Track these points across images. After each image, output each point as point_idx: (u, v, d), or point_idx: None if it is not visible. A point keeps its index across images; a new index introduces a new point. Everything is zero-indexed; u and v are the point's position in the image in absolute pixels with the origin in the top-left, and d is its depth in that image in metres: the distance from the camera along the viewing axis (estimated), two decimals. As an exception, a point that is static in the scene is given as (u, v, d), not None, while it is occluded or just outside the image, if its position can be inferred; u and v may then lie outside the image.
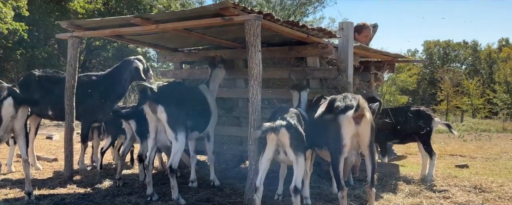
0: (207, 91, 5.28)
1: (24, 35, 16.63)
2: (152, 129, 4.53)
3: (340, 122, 3.66)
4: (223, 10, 4.11)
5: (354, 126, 3.66)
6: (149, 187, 4.58)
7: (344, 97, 3.85)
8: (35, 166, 6.35)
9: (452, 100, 35.41)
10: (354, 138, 3.74)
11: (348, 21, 5.43)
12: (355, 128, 3.68)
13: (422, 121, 5.87)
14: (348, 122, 3.64)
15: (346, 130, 3.66)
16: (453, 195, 4.89)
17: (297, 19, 27.53)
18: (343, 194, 3.71)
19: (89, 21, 5.44)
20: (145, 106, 4.39)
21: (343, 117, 3.64)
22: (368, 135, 3.75)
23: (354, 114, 3.56)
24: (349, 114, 3.57)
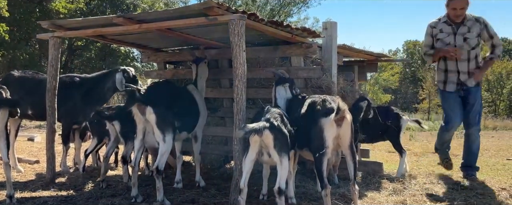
0: (196, 91, 5.25)
1: (4, 36, 16.34)
2: (140, 130, 4.46)
3: (322, 125, 3.73)
4: (207, 9, 4.09)
5: (336, 128, 3.74)
6: (134, 188, 4.54)
7: (323, 100, 3.91)
8: (17, 169, 6.24)
9: (434, 99, 35.87)
10: (335, 139, 3.82)
11: (331, 21, 5.46)
12: (336, 130, 3.75)
13: (391, 120, 5.96)
14: (330, 125, 3.71)
15: (328, 133, 3.73)
16: (436, 192, 4.95)
17: (282, 19, 27.59)
18: (327, 192, 3.75)
19: (71, 21, 5.37)
20: (134, 108, 4.33)
21: (325, 120, 3.70)
22: (349, 136, 3.85)
23: (335, 117, 3.63)
24: (331, 117, 3.63)
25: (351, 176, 3.90)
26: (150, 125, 4.40)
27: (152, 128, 4.40)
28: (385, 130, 6.00)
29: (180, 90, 5.29)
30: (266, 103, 5.54)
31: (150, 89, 4.47)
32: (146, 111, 4.32)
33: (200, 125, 5.22)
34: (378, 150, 9.38)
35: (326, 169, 3.85)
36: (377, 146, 10.21)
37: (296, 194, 4.60)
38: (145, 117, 4.34)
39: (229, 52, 4.33)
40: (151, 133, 4.47)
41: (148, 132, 4.49)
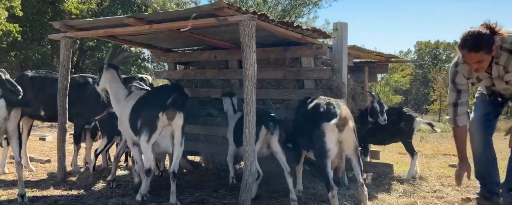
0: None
1: (17, 36, 16.53)
2: (156, 134, 4.30)
3: (324, 129, 3.77)
4: (218, 10, 4.09)
5: (338, 133, 3.77)
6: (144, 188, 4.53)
7: (327, 103, 3.95)
8: (28, 168, 6.31)
9: (445, 100, 35.54)
10: (337, 143, 3.83)
11: (342, 22, 5.43)
12: (338, 134, 3.78)
13: (403, 121, 5.91)
14: (331, 130, 3.75)
15: (330, 138, 3.77)
16: (447, 194, 4.91)
17: (292, 19, 27.55)
18: (334, 194, 3.77)
19: (82, 21, 5.41)
20: (161, 113, 4.20)
21: (326, 125, 3.75)
22: (352, 140, 3.86)
23: (337, 122, 3.67)
24: (332, 122, 3.69)
25: (358, 179, 3.91)
26: (170, 130, 4.33)
27: (171, 132, 4.35)
28: (397, 131, 5.95)
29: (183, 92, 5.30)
30: (276, 104, 5.56)
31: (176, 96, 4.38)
32: (175, 116, 4.27)
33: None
34: (388, 151, 9.32)
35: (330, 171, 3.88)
36: (387, 147, 10.14)
37: (305, 194, 4.61)
38: (171, 122, 4.27)
39: (239, 52, 4.33)
40: (167, 138, 4.39)
41: (164, 137, 4.38)
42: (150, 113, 4.25)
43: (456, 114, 4.04)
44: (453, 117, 4.06)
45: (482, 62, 3.57)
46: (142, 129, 4.28)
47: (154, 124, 4.21)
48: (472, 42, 3.48)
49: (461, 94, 4.01)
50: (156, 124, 4.21)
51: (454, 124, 4.09)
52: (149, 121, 4.24)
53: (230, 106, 5.40)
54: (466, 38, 3.52)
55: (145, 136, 4.24)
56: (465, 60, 3.65)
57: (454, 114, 4.04)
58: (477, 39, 3.46)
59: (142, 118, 4.30)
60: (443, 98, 35.40)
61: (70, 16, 19.11)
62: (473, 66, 3.64)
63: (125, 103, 4.78)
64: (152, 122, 4.22)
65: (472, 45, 3.47)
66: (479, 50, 3.47)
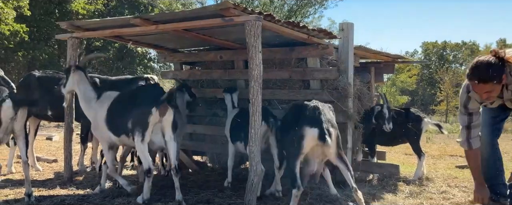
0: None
1: (24, 36, 16.64)
2: (149, 132, 4.32)
3: (304, 134, 3.80)
4: (224, 10, 4.10)
5: (318, 141, 3.78)
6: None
7: (314, 108, 3.95)
8: (35, 167, 6.34)
9: (451, 101, 35.39)
10: (317, 148, 3.86)
11: (348, 22, 5.41)
12: (318, 142, 3.79)
13: (411, 122, 5.88)
14: (311, 138, 3.78)
15: (307, 143, 3.81)
16: (454, 196, 4.88)
17: (298, 19, 27.53)
18: (297, 193, 3.80)
19: (89, 21, 5.44)
20: (154, 109, 4.23)
21: (308, 130, 3.79)
22: (335, 149, 3.88)
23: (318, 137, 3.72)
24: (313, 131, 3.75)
25: (350, 184, 3.91)
26: (161, 126, 4.36)
27: (161, 129, 4.38)
28: (405, 132, 5.91)
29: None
30: (282, 104, 5.56)
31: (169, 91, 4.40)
32: (167, 112, 4.29)
33: None
34: (394, 152, 9.29)
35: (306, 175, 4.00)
36: (393, 148, 10.11)
37: (311, 195, 4.62)
38: (163, 118, 4.30)
39: (245, 53, 4.33)
40: (159, 134, 4.41)
41: (156, 134, 4.40)
42: (141, 111, 4.25)
43: (469, 137, 3.98)
44: (466, 139, 4.00)
45: (492, 91, 3.51)
46: (134, 129, 4.26)
47: (146, 122, 4.21)
48: (481, 73, 3.43)
49: (473, 117, 3.95)
50: (148, 121, 4.22)
51: (467, 147, 4.03)
52: (141, 119, 4.23)
53: (229, 102, 5.44)
54: (475, 69, 3.47)
55: (139, 135, 4.24)
56: (474, 90, 3.61)
57: (468, 136, 3.99)
58: (487, 71, 3.40)
59: (134, 118, 4.29)
60: (450, 99, 35.26)
61: (77, 17, 19.24)
62: (483, 96, 3.59)
63: (98, 106, 4.73)
64: (144, 120, 4.22)
65: (482, 77, 3.43)
66: (488, 81, 3.42)
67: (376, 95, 7.23)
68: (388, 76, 32.07)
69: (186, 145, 6.42)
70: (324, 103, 4.20)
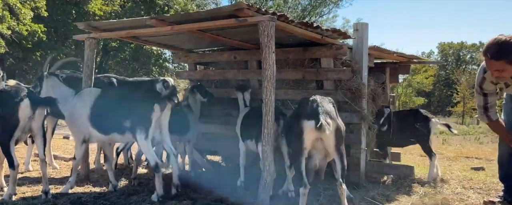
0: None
1: (42, 37, 16.89)
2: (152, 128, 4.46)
3: (303, 127, 3.83)
4: (237, 11, 4.13)
5: (317, 133, 3.78)
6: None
7: (312, 101, 3.97)
8: (52, 165, 6.45)
9: (468, 102, 34.95)
10: (318, 142, 3.87)
11: (362, 22, 5.40)
12: (317, 134, 3.79)
13: (419, 123, 5.84)
14: (310, 130, 3.79)
15: (308, 137, 3.83)
16: (469, 197, 4.83)
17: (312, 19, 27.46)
18: (305, 191, 3.84)
19: (106, 22, 5.52)
20: (156, 105, 4.39)
21: (306, 123, 3.81)
22: (333, 141, 3.87)
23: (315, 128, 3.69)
24: (311, 123, 3.74)
25: (338, 177, 3.92)
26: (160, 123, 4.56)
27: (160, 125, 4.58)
28: (413, 133, 5.89)
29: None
30: (295, 104, 5.57)
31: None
32: (166, 108, 4.47)
33: None
34: (410, 154, 9.22)
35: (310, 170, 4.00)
36: (408, 149, 10.04)
37: (325, 195, 4.64)
38: (163, 113, 4.47)
39: (259, 53, 4.36)
40: (158, 130, 4.59)
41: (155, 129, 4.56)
42: (143, 108, 4.39)
43: (487, 112, 4.00)
44: (485, 113, 4.01)
45: (503, 71, 3.45)
46: (136, 127, 4.37)
47: (149, 119, 4.35)
48: (494, 49, 3.39)
49: (488, 98, 3.94)
50: (151, 118, 4.35)
51: (487, 120, 4.05)
52: (143, 117, 4.36)
53: (241, 100, 5.49)
54: (490, 44, 3.42)
55: (142, 133, 4.36)
56: (487, 66, 3.57)
57: (485, 112, 4.01)
58: (500, 48, 3.36)
59: (134, 116, 4.40)
60: (467, 100, 34.82)
61: (94, 18, 19.48)
62: (493, 74, 3.55)
63: (77, 102, 4.82)
64: (146, 117, 4.35)
65: (494, 53, 3.39)
66: (499, 59, 3.37)
67: (392, 96, 7.19)
68: (404, 77, 31.81)
69: (200, 144, 6.47)
70: (324, 97, 4.20)
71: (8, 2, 14.86)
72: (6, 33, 14.75)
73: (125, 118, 4.43)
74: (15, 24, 15.12)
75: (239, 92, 5.50)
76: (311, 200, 4.39)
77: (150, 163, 4.50)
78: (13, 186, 4.43)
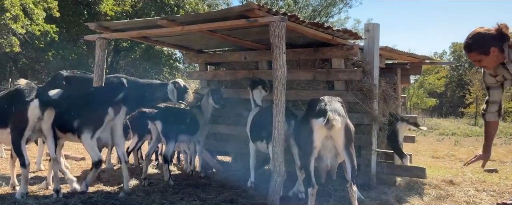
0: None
1: (55, 37, 17.06)
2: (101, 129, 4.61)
3: (312, 126, 3.84)
4: (248, 11, 4.12)
5: (326, 130, 3.79)
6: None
7: (320, 100, 3.99)
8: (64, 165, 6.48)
9: (481, 103, 34.54)
10: (328, 140, 3.87)
11: (373, 23, 5.36)
12: (327, 132, 3.80)
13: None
14: (319, 128, 3.80)
15: (317, 135, 3.84)
16: (481, 200, 4.77)
17: (322, 20, 27.39)
18: (313, 191, 3.85)
19: (117, 23, 5.54)
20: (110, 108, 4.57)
21: (314, 121, 3.82)
22: (342, 139, 3.86)
23: (324, 123, 3.71)
24: (319, 121, 3.76)
25: (348, 178, 3.89)
26: (113, 124, 4.70)
27: (113, 127, 4.72)
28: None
29: None
30: (306, 105, 5.54)
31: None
32: (120, 111, 4.68)
33: None
34: (421, 155, 9.15)
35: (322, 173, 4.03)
36: (420, 151, 9.97)
37: (335, 197, 4.61)
38: (116, 116, 4.65)
39: (269, 53, 4.34)
40: (108, 132, 4.73)
41: (106, 131, 4.69)
42: (96, 110, 4.52)
43: (486, 111, 4.02)
44: (484, 111, 4.05)
45: (481, 61, 3.55)
46: (84, 127, 4.48)
47: (101, 120, 4.51)
48: (466, 42, 3.54)
49: (490, 91, 3.97)
50: (104, 120, 4.52)
51: (483, 118, 4.12)
52: (95, 117, 4.50)
53: (251, 99, 5.42)
54: (466, 38, 3.56)
55: (89, 132, 4.48)
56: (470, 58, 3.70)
57: (485, 109, 4.04)
58: (471, 40, 3.49)
59: (85, 116, 4.49)
60: (480, 102, 34.42)
61: (105, 18, 19.63)
62: (476, 65, 3.74)
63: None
64: (98, 118, 4.50)
65: (466, 46, 3.56)
66: (471, 51, 3.51)
67: (403, 97, 7.13)
68: (416, 78, 31.59)
69: (210, 145, 6.47)
70: (333, 96, 4.20)
71: (22, 3, 15.03)
72: (20, 32, 14.91)
73: (77, 118, 4.53)
74: (28, 23, 15.29)
75: (249, 89, 5.45)
76: (321, 201, 4.37)
77: (92, 158, 4.64)
78: (25, 185, 4.46)
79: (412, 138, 6.97)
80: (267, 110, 4.97)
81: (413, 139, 7.01)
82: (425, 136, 16.89)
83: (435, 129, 21.68)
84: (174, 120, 5.36)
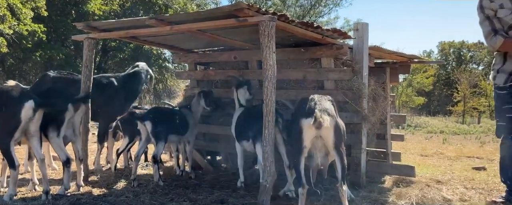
0: None
1: (42, 36, 16.87)
2: (65, 127, 4.69)
3: (301, 126, 3.83)
4: (237, 11, 4.11)
5: (315, 130, 3.78)
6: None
7: (310, 99, 3.98)
8: (52, 166, 6.43)
9: (469, 101, 34.95)
10: (317, 140, 3.87)
11: (363, 22, 5.38)
12: (316, 131, 3.80)
13: None
14: (307, 127, 3.79)
15: (307, 135, 3.83)
16: (470, 198, 4.81)
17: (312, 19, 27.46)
18: (303, 191, 3.85)
19: (105, 22, 5.49)
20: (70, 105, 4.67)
21: (304, 121, 3.81)
22: (332, 138, 3.86)
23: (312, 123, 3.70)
24: (308, 121, 3.75)
25: (338, 177, 3.90)
26: (73, 122, 4.82)
27: (73, 124, 4.84)
28: None
29: None
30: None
31: None
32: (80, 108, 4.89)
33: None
34: (410, 153, 9.21)
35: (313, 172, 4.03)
36: (409, 149, 10.03)
37: (325, 196, 4.61)
38: (76, 113, 4.80)
39: (259, 53, 4.34)
40: (70, 129, 4.84)
41: (67, 128, 4.75)
42: (58, 107, 4.55)
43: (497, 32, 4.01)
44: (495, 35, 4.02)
45: None
46: (48, 126, 4.53)
47: (62, 117, 4.56)
48: None
49: (493, 21, 3.98)
50: (65, 116, 4.58)
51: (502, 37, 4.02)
52: (58, 115, 4.55)
53: (235, 99, 5.40)
54: None
55: (54, 131, 4.55)
56: None
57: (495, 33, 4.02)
58: None
59: (48, 115, 4.48)
60: (467, 100, 34.83)
61: (93, 17, 19.45)
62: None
63: None
64: (60, 115, 4.55)
65: None
66: None
67: (392, 95, 7.17)
68: (404, 77, 31.82)
69: (200, 145, 6.45)
70: (323, 96, 4.19)
71: (9, 2, 14.84)
72: (7, 32, 14.73)
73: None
74: (16, 23, 15.10)
75: (234, 89, 5.41)
76: (312, 201, 4.38)
77: (61, 158, 4.67)
78: (14, 186, 4.41)
79: (401, 137, 7.03)
80: (251, 110, 4.99)
81: (402, 137, 7.06)
82: (413, 135, 17.01)
83: (424, 127, 21.84)
84: (164, 121, 5.34)
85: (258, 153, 4.56)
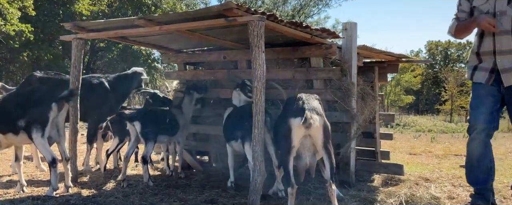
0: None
1: (30, 36, 16.70)
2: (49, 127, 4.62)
3: (290, 125, 3.83)
4: (227, 11, 4.11)
5: (304, 130, 3.78)
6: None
7: (298, 99, 3.99)
8: (40, 168, 6.37)
9: (456, 100, 35.30)
10: (306, 139, 3.87)
11: (351, 22, 5.42)
12: (305, 131, 3.80)
13: None
14: (297, 127, 3.78)
15: (295, 134, 3.82)
16: (458, 195, 4.87)
17: (302, 19, 27.52)
18: (293, 191, 3.85)
19: (93, 23, 5.46)
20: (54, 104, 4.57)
21: (293, 121, 3.81)
22: (321, 137, 3.86)
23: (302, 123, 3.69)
24: (297, 120, 3.74)
25: (327, 177, 3.90)
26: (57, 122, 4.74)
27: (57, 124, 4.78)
28: None
29: None
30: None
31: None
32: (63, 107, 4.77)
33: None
34: (399, 152, 9.29)
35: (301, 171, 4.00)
36: (398, 148, 10.11)
37: (315, 195, 4.64)
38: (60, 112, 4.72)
39: (248, 53, 4.34)
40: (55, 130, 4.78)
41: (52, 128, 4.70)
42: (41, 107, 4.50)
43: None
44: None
45: None
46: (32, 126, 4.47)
47: (46, 117, 4.49)
48: None
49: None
50: (48, 116, 4.50)
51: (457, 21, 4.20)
52: (41, 115, 4.48)
53: (235, 99, 5.41)
54: None
55: (38, 131, 4.48)
56: None
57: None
58: None
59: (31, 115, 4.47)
60: (455, 98, 35.17)
61: (81, 18, 19.31)
62: None
63: None
64: (44, 115, 4.48)
65: None
66: None
67: (380, 94, 7.22)
68: (393, 76, 32.05)
69: (190, 145, 6.44)
70: (310, 94, 4.20)
71: (-4, 3, 14.69)
72: (-6, 33, 14.59)
73: (21, 118, 4.51)
74: (2, 23, 14.92)
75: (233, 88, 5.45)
76: (301, 200, 4.40)
77: (46, 158, 4.62)
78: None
79: (389, 135, 7.08)
80: (240, 109, 4.99)
81: (391, 136, 7.12)
82: (402, 133, 17.14)
83: (412, 126, 22.03)
84: (153, 121, 5.32)
85: (247, 153, 4.56)
